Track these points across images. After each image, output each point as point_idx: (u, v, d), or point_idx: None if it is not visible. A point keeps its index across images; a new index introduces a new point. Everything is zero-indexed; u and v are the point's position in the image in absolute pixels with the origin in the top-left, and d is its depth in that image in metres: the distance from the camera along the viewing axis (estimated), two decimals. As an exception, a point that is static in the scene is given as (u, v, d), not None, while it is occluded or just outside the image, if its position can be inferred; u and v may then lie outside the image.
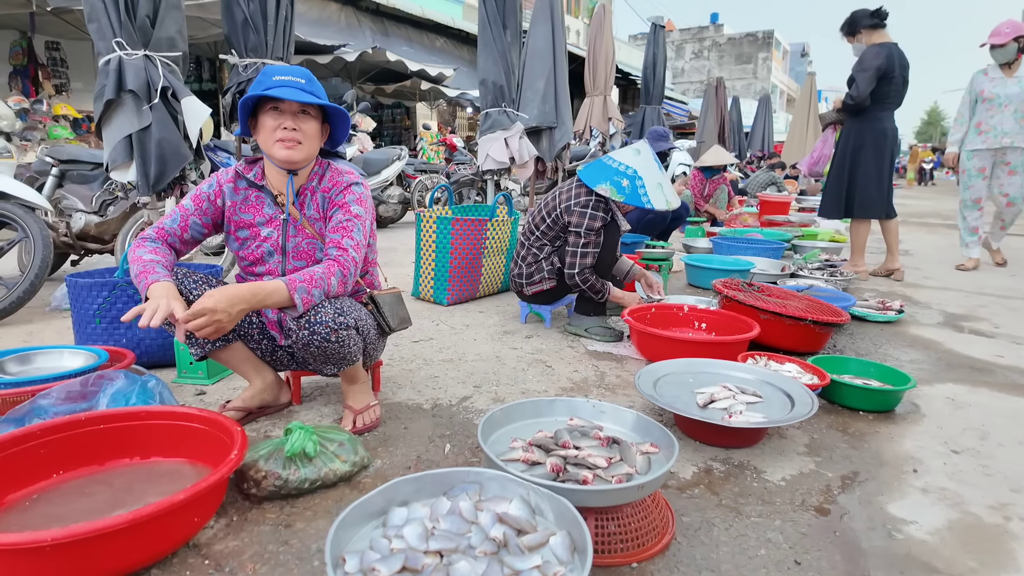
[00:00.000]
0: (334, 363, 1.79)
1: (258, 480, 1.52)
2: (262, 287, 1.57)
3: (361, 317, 1.83)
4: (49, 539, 1.05)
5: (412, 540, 1.17)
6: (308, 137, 1.75)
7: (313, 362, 1.79)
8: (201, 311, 1.47)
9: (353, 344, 1.78)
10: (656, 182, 2.80)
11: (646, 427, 1.63)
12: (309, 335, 1.68)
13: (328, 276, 1.66)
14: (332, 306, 1.71)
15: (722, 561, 1.36)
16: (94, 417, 1.52)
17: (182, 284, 1.72)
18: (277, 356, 2.02)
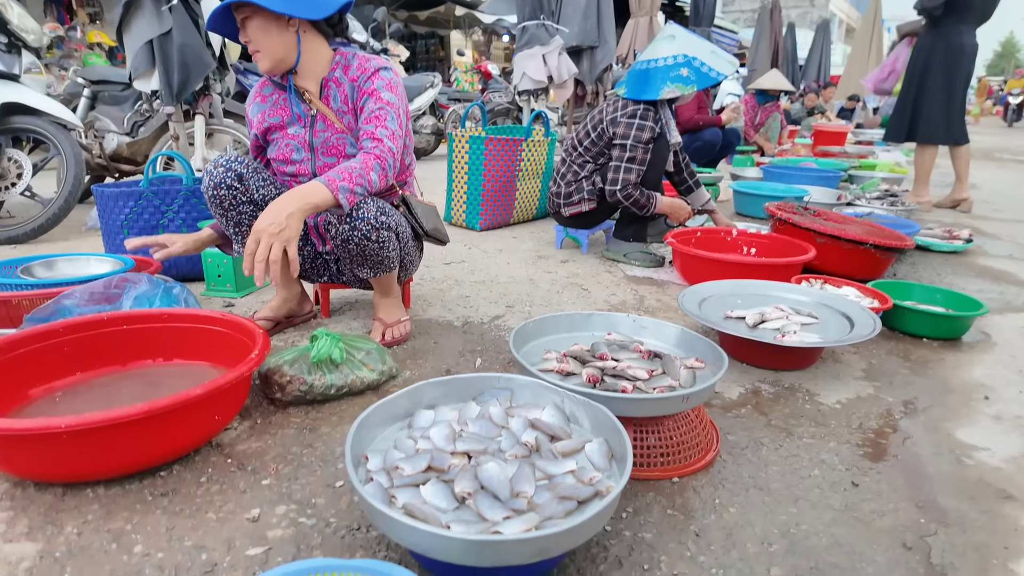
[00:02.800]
0: (371, 266, 1.71)
1: (283, 385, 1.47)
2: (304, 190, 1.46)
3: (401, 223, 1.75)
4: (63, 426, 1.01)
5: (439, 441, 1.09)
6: (260, 40, 1.60)
7: (350, 263, 1.71)
8: (255, 237, 1.38)
9: (391, 248, 1.70)
10: (708, 51, 2.59)
11: (691, 342, 1.51)
12: (350, 230, 1.60)
13: (367, 171, 1.55)
14: (375, 204, 1.63)
15: (771, 480, 1.26)
16: (116, 317, 1.48)
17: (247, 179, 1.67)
18: (315, 266, 1.95)
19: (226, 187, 1.65)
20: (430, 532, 0.81)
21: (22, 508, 1.08)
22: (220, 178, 1.64)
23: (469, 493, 0.97)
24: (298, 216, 1.40)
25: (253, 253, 1.37)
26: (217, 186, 1.64)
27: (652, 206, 2.64)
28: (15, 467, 1.09)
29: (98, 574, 0.94)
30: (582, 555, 1.03)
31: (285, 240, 1.38)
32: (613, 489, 0.96)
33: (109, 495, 1.12)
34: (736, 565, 1.02)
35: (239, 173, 1.66)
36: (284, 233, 1.38)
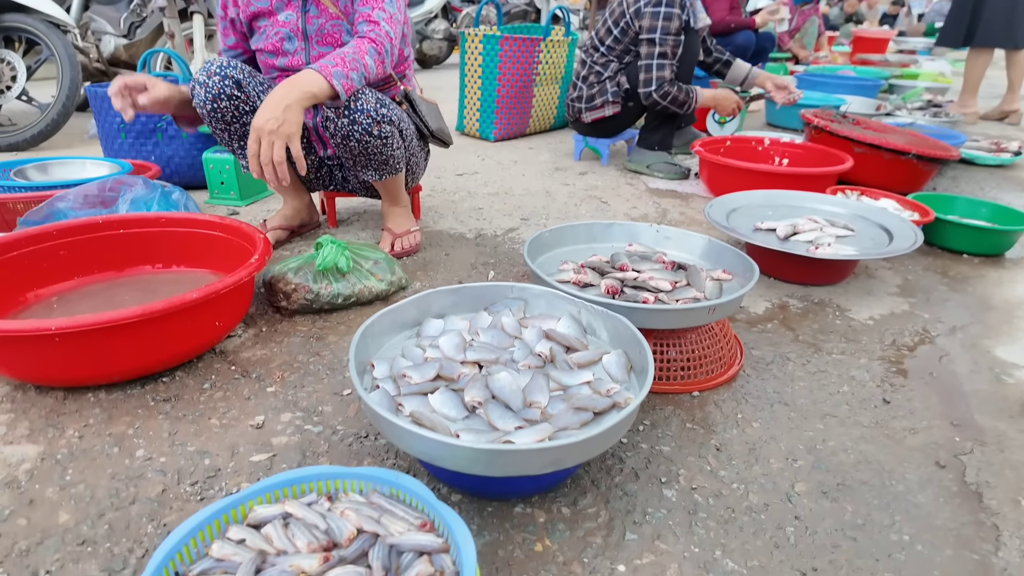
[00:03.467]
0: (375, 166, 1.60)
1: (288, 293, 1.41)
2: (298, 78, 1.33)
3: (403, 118, 1.62)
4: (54, 328, 0.96)
5: (448, 350, 1.03)
6: None
7: (354, 165, 1.60)
8: (255, 137, 1.27)
9: (395, 145, 1.58)
10: None
11: (718, 253, 1.41)
12: (350, 125, 1.47)
13: (361, 55, 1.40)
14: (373, 96, 1.50)
15: (797, 396, 1.20)
16: (112, 221, 1.41)
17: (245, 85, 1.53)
18: (320, 174, 1.84)
19: (226, 97, 1.49)
20: (438, 440, 0.76)
21: (23, 411, 1.06)
22: (218, 88, 1.47)
23: (479, 402, 0.92)
24: (296, 108, 1.29)
25: (256, 155, 1.27)
26: (216, 98, 1.48)
27: (692, 101, 2.44)
28: (12, 370, 1.06)
29: (100, 477, 0.92)
30: (597, 466, 0.99)
31: (286, 136, 1.27)
32: (632, 401, 0.90)
33: (110, 399, 1.10)
34: (759, 480, 0.98)
35: (236, 80, 1.50)
36: (284, 128, 1.27)
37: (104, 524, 0.84)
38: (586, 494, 0.94)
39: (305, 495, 0.78)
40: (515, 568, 0.81)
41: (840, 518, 0.91)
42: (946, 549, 0.87)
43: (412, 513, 0.75)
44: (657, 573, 0.81)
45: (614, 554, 0.84)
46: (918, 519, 0.92)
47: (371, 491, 0.79)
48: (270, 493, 0.76)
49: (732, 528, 0.89)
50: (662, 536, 0.87)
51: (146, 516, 0.86)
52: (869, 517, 0.92)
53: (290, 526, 0.73)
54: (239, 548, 0.70)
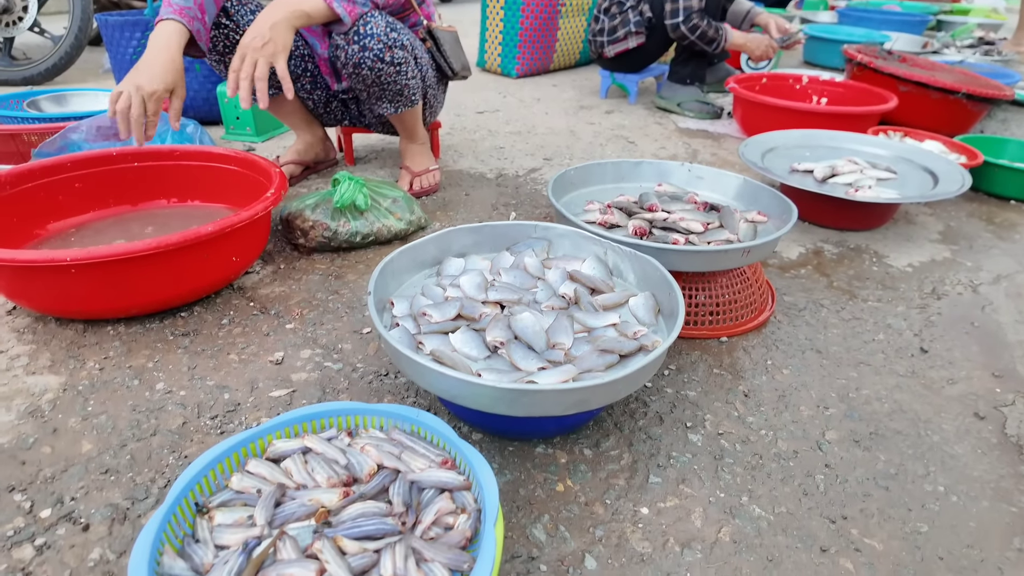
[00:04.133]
0: (390, 97, 1.52)
1: (305, 230, 1.38)
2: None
3: (416, 45, 1.53)
4: (68, 259, 0.94)
5: (469, 289, 1.00)
6: None
7: (368, 97, 1.52)
8: (239, 54, 1.20)
9: (410, 73, 1.49)
10: None
11: (754, 193, 1.34)
12: (360, 52, 1.39)
13: None
14: (384, 19, 1.40)
15: (830, 343, 1.15)
16: (127, 153, 1.37)
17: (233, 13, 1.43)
18: (331, 109, 1.77)
19: (214, 27, 1.41)
20: (460, 378, 0.74)
21: (44, 342, 1.06)
22: None
23: (501, 342, 0.89)
24: (284, 26, 1.22)
25: (237, 71, 1.21)
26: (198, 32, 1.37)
27: (721, 40, 2.30)
28: (32, 301, 1.05)
29: (121, 408, 0.92)
30: (620, 410, 0.97)
31: (270, 55, 1.20)
32: (660, 344, 0.87)
33: (130, 333, 1.09)
34: (788, 427, 0.95)
35: (222, 7, 1.42)
36: (268, 47, 1.20)
37: (126, 454, 0.85)
38: (609, 437, 0.92)
39: (325, 430, 0.77)
40: (536, 507, 0.80)
41: (872, 467, 0.88)
42: (983, 501, 0.84)
43: (433, 450, 0.74)
44: (681, 516, 0.79)
45: (637, 496, 0.82)
46: (954, 470, 0.88)
47: (391, 428, 0.78)
48: (289, 428, 0.75)
49: (759, 474, 0.86)
50: (687, 480, 0.85)
51: (167, 448, 0.86)
52: (902, 467, 0.89)
53: (310, 461, 0.72)
54: (258, 481, 0.69)
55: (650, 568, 0.73)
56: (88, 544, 0.72)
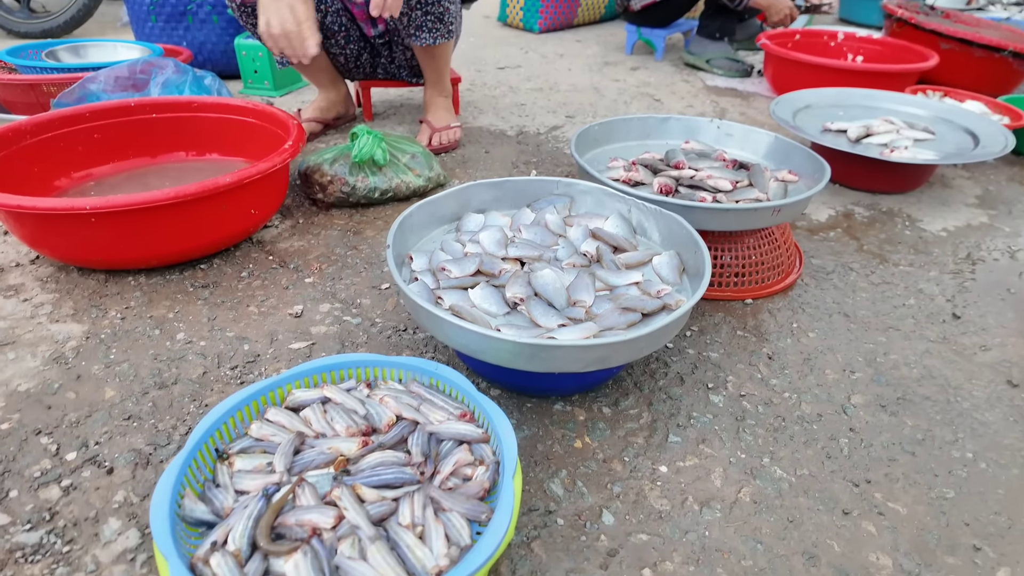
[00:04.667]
0: (431, 23, 1.49)
1: (324, 185, 1.36)
2: None
3: None
4: (88, 207, 0.94)
5: (489, 245, 0.98)
6: None
7: (407, 23, 1.49)
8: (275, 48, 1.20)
9: None
10: None
11: (785, 151, 1.29)
12: None
13: None
14: None
15: (859, 307, 1.12)
16: (145, 104, 1.36)
17: None
18: (361, 62, 1.73)
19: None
20: (480, 332, 0.73)
21: (67, 291, 1.07)
22: None
23: (521, 299, 0.87)
24: None
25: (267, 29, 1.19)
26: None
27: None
28: (53, 250, 1.06)
29: (142, 357, 0.93)
30: (640, 369, 0.96)
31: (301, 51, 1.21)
32: (684, 302, 0.85)
33: (150, 284, 1.09)
34: (812, 390, 0.93)
35: None
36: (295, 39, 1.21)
37: (148, 401, 0.85)
38: (628, 395, 0.91)
39: (344, 381, 0.77)
40: (554, 462, 0.80)
41: (898, 432, 0.86)
42: (1012, 468, 0.82)
43: (452, 403, 0.73)
44: (701, 476, 0.79)
45: (656, 455, 0.81)
46: (984, 437, 0.86)
47: (410, 380, 0.77)
48: (309, 378, 0.75)
49: (782, 436, 0.85)
50: (707, 440, 0.84)
51: (188, 396, 0.87)
52: (930, 432, 0.86)
53: (329, 410, 0.72)
54: (278, 429, 0.69)
55: (668, 525, 0.72)
56: (112, 487, 0.74)
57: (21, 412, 0.83)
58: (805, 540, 0.71)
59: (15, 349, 0.93)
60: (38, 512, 0.70)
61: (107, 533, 0.68)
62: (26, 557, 0.66)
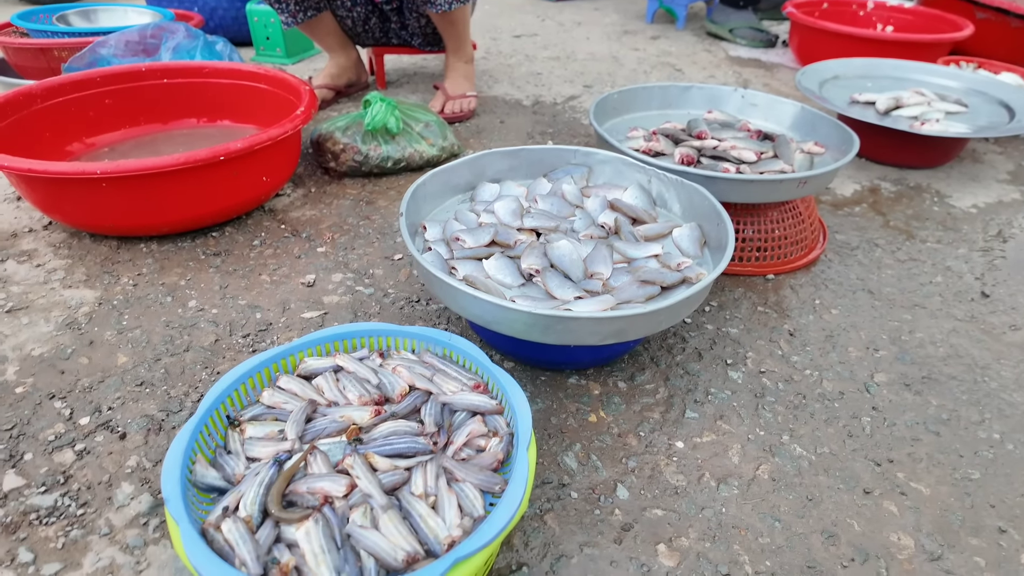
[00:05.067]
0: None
1: (336, 153, 1.34)
2: None
3: None
4: (98, 171, 0.92)
5: (504, 215, 0.96)
6: None
7: None
8: None
9: None
10: None
11: (811, 122, 1.24)
12: None
13: None
14: None
15: (884, 284, 1.09)
16: (156, 69, 1.34)
17: None
18: (369, 26, 1.70)
19: None
20: (495, 303, 0.71)
21: (79, 257, 1.06)
22: None
23: (537, 270, 0.85)
24: None
25: None
26: None
27: None
28: (64, 215, 1.05)
29: (155, 324, 0.92)
30: (657, 344, 0.94)
31: None
32: (704, 276, 0.82)
33: (162, 251, 1.08)
34: (835, 368, 0.90)
35: None
36: None
37: (160, 368, 0.85)
38: (644, 370, 0.89)
39: (357, 350, 0.76)
40: (568, 435, 0.78)
41: (923, 412, 0.84)
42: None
43: (465, 374, 0.72)
44: (718, 452, 0.77)
45: (672, 430, 0.80)
46: (1012, 418, 0.84)
47: (423, 351, 0.76)
48: (321, 346, 0.74)
49: (802, 414, 0.83)
50: (725, 417, 0.82)
51: (200, 363, 0.86)
52: (956, 413, 0.84)
53: (341, 379, 0.71)
54: (290, 397, 0.68)
55: (684, 500, 0.71)
56: (125, 452, 0.73)
57: (35, 376, 0.83)
58: (824, 518, 0.70)
59: (28, 314, 0.93)
60: (52, 475, 0.70)
61: (120, 497, 0.68)
62: (40, 519, 0.66)
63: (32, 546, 0.63)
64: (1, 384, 0.81)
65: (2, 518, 0.66)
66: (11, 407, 0.78)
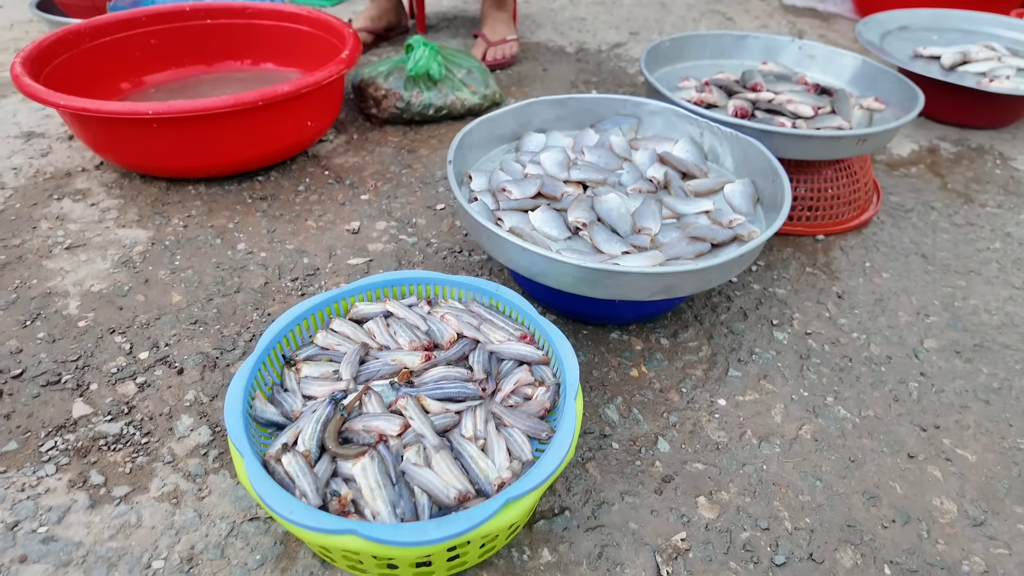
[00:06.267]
0: None
1: (378, 99, 1.33)
2: None
3: None
4: (150, 111, 0.93)
5: (550, 167, 0.94)
6: None
7: None
8: None
9: None
10: None
11: (872, 77, 1.19)
12: None
13: None
14: None
15: (938, 248, 1.05)
16: (199, 9, 1.33)
17: None
18: None
19: None
20: (544, 255, 0.71)
21: (131, 197, 1.08)
22: None
23: (584, 223, 0.84)
24: None
25: None
26: None
27: None
28: (116, 155, 1.07)
29: (205, 264, 0.95)
30: (701, 302, 0.93)
31: None
32: (757, 234, 0.80)
33: (210, 193, 1.10)
34: (883, 332, 0.89)
35: None
36: None
37: (213, 308, 0.88)
38: (688, 328, 0.88)
39: (406, 297, 0.77)
40: (610, 389, 0.79)
41: (973, 379, 0.82)
42: (1096, 424, 0.77)
43: (512, 324, 0.73)
44: (761, 411, 0.77)
45: (715, 388, 0.80)
46: (1067, 390, 0.82)
47: (470, 300, 0.77)
48: (371, 291, 0.75)
49: (847, 377, 0.82)
50: (769, 376, 0.82)
51: (250, 305, 0.88)
52: (1007, 382, 0.82)
53: (391, 324, 0.72)
54: (342, 339, 0.70)
55: (725, 456, 0.72)
56: (183, 386, 0.77)
57: (95, 312, 0.86)
58: (867, 480, 0.70)
59: (87, 251, 0.96)
60: (117, 405, 0.74)
61: (180, 428, 0.72)
62: (108, 445, 0.70)
63: (102, 469, 0.67)
64: (65, 317, 0.85)
65: (73, 442, 0.70)
66: (75, 340, 0.82)
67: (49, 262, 0.94)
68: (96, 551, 0.60)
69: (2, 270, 0.92)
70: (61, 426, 0.71)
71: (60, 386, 0.76)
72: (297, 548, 0.61)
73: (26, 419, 0.72)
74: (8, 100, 1.39)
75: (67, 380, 0.77)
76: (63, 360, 0.79)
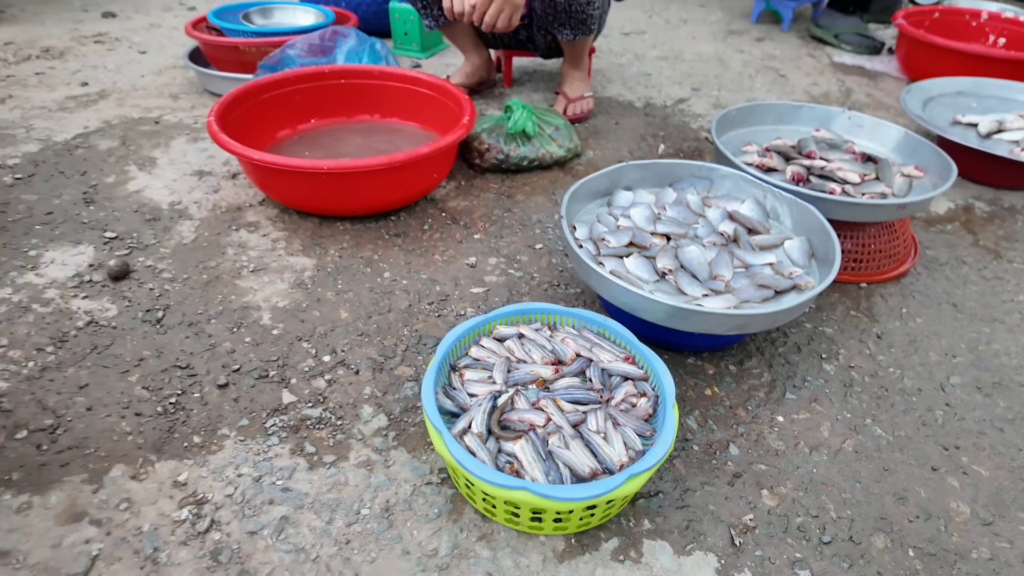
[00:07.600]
0: (573, 24, 1.65)
1: (482, 152, 1.57)
2: None
3: None
4: (326, 167, 1.19)
5: (639, 220, 1.16)
6: None
7: (552, 20, 1.65)
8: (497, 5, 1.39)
9: (596, 3, 1.61)
10: None
11: (913, 147, 1.38)
12: None
13: None
14: None
15: (967, 299, 1.23)
16: (336, 71, 1.60)
17: None
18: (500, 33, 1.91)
19: None
20: (643, 295, 0.92)
21: (292, 231, 1.34)
22: None
23: (670, 270, 1.06)
24: None
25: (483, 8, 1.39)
26: None
27: None
28: (284, 197, 1.33)
29: (361, 288, 1.19)
30: (762, 337, 1.13)
31: (515, 6, 1.37)
32: (812, 284, 1.01)
33: (355, 230, 1.35)
34: (915, 368, 1.07)
35: None
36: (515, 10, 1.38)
37: (373, 323, 1.12)
38: (751, 357, 1.08)
39: (532, 323, 0.99)
40: (688, 404, 1.00)
41: (991, 411, 1.00)
42: (1093, 452, 0.94)
43: (616, 348, 0.94)
44: (811, 427, 0.97)
45: (774, 407, 1.00)
46: (1071, 424, 0.99)
47: (582, 327, 0.99)
48: (508, 317, 0.98)
49: (884, 404, 1.01)
50: (818, 400, 1.01)
51: (400, 322, 1.12)
52: (1021, 414, 1.00)
53: (525, 344, 0.94)
54: (490, 353, 0.92)
55: (783, 460, 0.91)
56: (360, 384, 1.00)
57: (284, 323, 1.11)
58: (897, 485, 0.88)
59: (267, 274, 1.22)
60: (313, 395, 0.98)
61: (364, 415, 0.95)
62: (313, 425, 0.93)
63: (312, 443, 0.91)
64: (262, 326, 1.10)
65: (287, 422, 0.93)
66: (272, 344, 1.07)
67: (240, 281, 1.20)
68: (320, 500, 0.83)
69: (207, 286, 1.18)
70: (276, 409, 0.95)
71: (269, 379, 1.00)
72: (463, 506, 0.83)
73: (250, 403, 0.96)
74: (176, 141, 1.68)
75: (273, 375, 1.01)
76: (267, 360, 1.04)
